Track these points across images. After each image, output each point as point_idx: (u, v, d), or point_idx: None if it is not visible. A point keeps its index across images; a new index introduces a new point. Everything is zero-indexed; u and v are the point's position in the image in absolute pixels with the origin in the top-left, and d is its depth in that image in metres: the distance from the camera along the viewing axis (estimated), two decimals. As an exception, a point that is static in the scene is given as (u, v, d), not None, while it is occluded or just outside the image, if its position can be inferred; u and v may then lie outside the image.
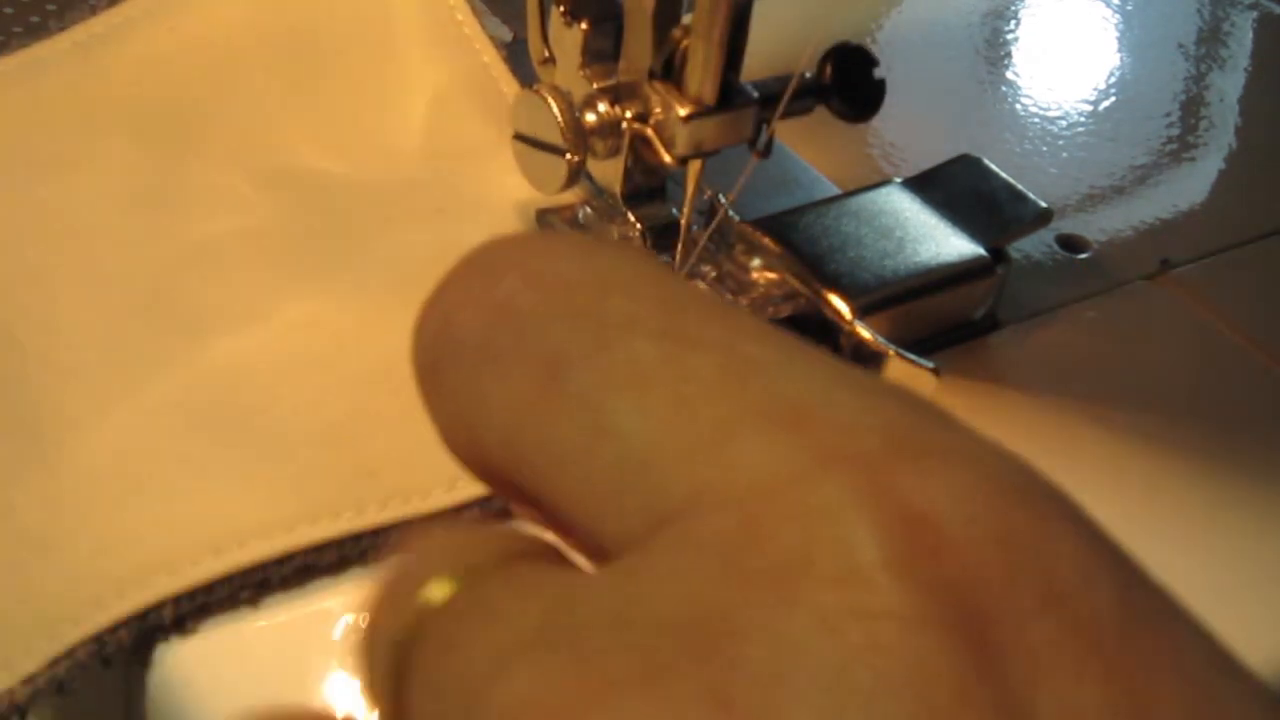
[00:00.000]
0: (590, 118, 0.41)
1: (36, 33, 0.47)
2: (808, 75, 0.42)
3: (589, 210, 0.44)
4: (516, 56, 0.48)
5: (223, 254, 0.42)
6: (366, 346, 0.39)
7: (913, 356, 0.40)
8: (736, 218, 0.43)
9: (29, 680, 0.31)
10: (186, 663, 0.32)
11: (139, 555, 0.33)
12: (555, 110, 0.41)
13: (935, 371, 0.40)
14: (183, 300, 0.40)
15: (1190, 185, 0.53)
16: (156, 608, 0.32)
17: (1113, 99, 0.56)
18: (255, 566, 0.33)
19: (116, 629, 0.32)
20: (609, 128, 0.41)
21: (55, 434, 0.36)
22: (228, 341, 0.39)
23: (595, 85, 0.41)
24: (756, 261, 0.43)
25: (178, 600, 0.32)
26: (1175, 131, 0.55)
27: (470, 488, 0.36)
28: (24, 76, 0.46)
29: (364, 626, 0.17)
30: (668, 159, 0.40)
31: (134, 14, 0.48)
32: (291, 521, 0.34)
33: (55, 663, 0.32)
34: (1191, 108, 0.57)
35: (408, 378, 0.39)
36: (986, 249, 0.43)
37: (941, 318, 0.43)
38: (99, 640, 0.32)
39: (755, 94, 0.41)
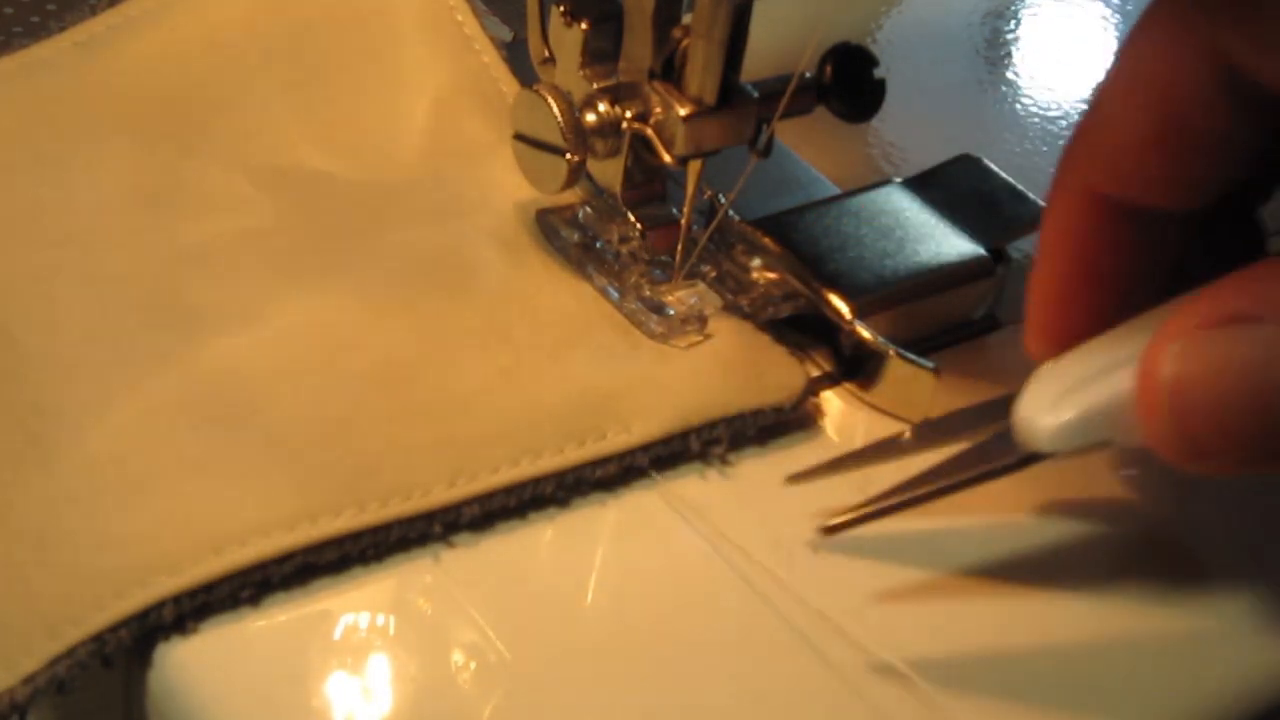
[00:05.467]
0: (590, 118, 0.41)
1: (36, 33, 0.47)
2: (808, 75, 0.42)
3: (589, 210, 0.44)
4: (516, 56, 0.48)
5: (223, 254, 0.42)
6: (367, 345, 0.39)
7: (913, 356, 0.40)
8: (736, 218, 0.43)
9: (29, 680, 0.31)
10: (186, 663, 0.32)
11: (139, 554, 0.33)
12: (555, 110, 0.41)
13: (935, 371, 0.40)
14: (182, 300, 0.40)
15: (1190, 185, 0.53)
16: (157, 607, 0.32)
17: (1113, 99, 0.56)
18: (256, 565, 0.33)
19: (117, 628, 0.32)
20: (609, 128, 0.41)
21: (54, 434, 0.36)
22: (227, 341, 0.39)
23: (595, 85, 0.41)
24: (756, 261, 0.43)
25: (178, 600, 0.32)
26: (1175, 131, 0.55)
27: (470, 485, 0.36)
28: (24, 76, 0.46)
29: None
30: (668, 159, 0.40)
31: (134, 14, 0.48)
32: (292, 520, 0.34)
33: (56, 662, 0.32)
34: (1191, 108, 0.56)
35: (407, 376, 0.39)
36: (986, 249, 0.43)
37: (941, 318, 0.43)
38: (100, 640, 0.32)
39: (755, 94, 0.41)
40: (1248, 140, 0.32)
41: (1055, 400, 0.32)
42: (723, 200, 0.42)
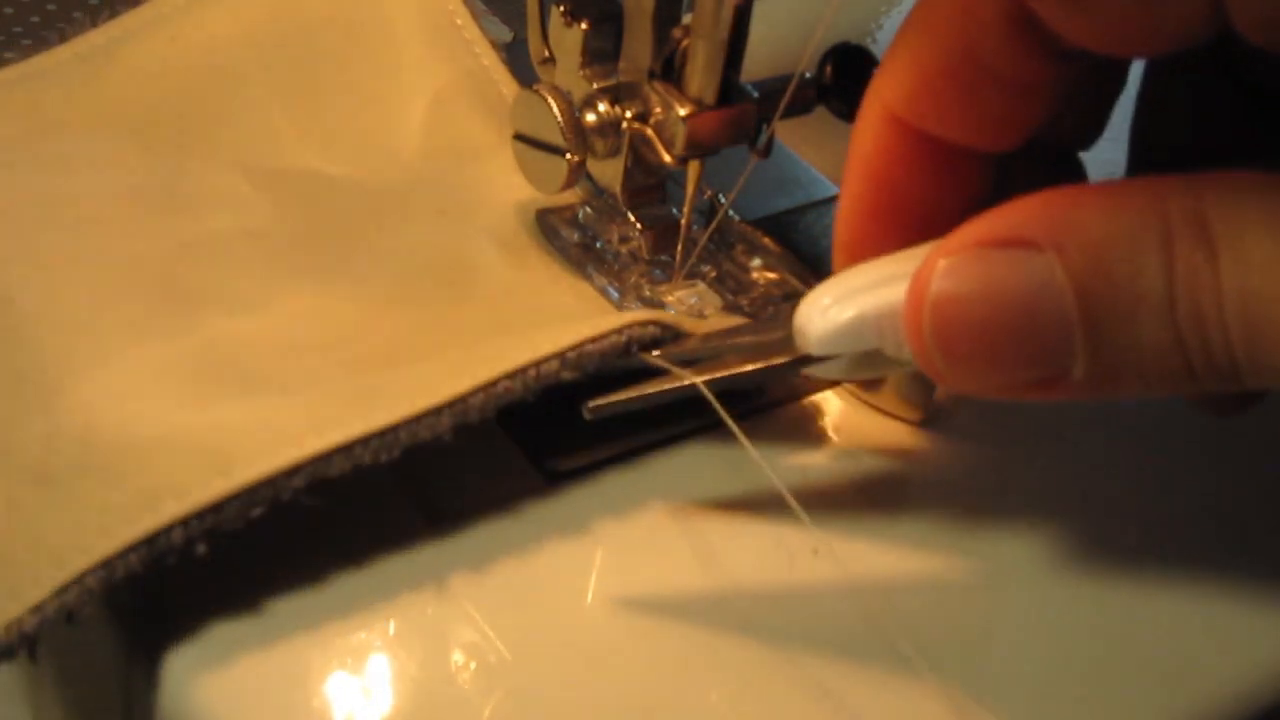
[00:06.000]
0: (590, 118, 0.41)
1: (36, 33, 0.47)
2: (808, 75, 0.42)
3: (589, 210, 0.44)
4: (516, 56, 0.48)
5: (223, 254, 0.42)
6: (366, 343, 0.39)
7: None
8: (736, 218, 0.43)
9: (38, 609, 0.31)
10: (187, 663, 0.32)
11: (145, 481, 0.33)
12: (555, 110, 0.41)
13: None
14: (183, 290, 0.40)
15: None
16: (166, 531, 0.32)
17: (1113, 99, 0.56)
18: (264, 482, 0.32)
19: (126, 554, 0.31)
20: (609, 128, 0.41)
21: (55, 381, 0.36)
22: (228, 322, 0.39)
23: (595, 85, 0.41)
24: (756, 261, 0.43)
25: (187, 523, 0.32)
26: (1175, 132, 0.55)
27: (476, 378, 0.35)
28: (25, 88, 0.46)
29: None
30: (668, 159, 0.40)
31: (134, 25, 0.48)
32: (299, 436, 0.33)
33: (64, 590, 0.31)
34: (1191, 108, 0.56)
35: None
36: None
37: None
38: (108, 566, 0.31)
39: (755, 94, 0.41)
40: (1046, 85, 0.30)
41: (829, 304, 0.32)
42: (723, 200, 0.42)
